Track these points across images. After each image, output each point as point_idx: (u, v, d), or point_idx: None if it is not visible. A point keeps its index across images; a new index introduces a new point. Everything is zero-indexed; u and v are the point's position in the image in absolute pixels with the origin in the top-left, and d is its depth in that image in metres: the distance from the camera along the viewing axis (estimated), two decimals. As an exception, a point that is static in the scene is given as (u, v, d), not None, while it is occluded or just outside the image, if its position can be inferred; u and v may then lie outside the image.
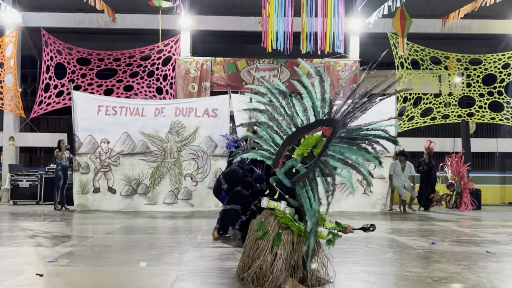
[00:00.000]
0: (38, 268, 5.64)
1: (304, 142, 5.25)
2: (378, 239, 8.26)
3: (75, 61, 17.17)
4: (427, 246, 7.47)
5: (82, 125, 13.48)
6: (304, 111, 5.11)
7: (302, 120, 5.14)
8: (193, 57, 17.21)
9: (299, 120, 5.15)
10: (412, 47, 17.47)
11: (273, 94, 5.27)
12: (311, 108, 5.09)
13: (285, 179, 5.06)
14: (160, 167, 13.35)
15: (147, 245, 7.45)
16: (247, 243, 5.05)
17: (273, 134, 5.23)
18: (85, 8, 16.63)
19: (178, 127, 13.51)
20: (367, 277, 5.51)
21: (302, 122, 5.14)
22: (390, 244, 7.75)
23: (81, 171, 13.36)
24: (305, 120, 5.13)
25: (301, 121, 5.14)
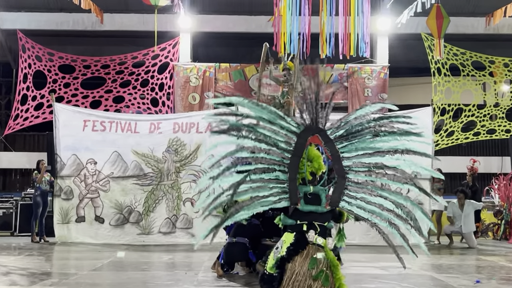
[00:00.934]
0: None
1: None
2: (413, 276, 8.22)
3: (57, 69, 17.34)
4: (471, 285, 7.42)
5: (65, 143, 13.51)
6: (275, 133, 5.38)
7: (284, 141, 5.39)
8: (194, 63, 17.34)
9: (282, 144, 5.39)
10: (451, 50, 17.50)
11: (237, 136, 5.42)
12: (277, 127, 5.38)
13: (316, 207, 5.35)
14: (156, 190, 13.32)
15: (140, 284, 7.47)
16: (288, 285, 5.16)
17: (271, 174, 5.37)
18: (68, 7, 16.84)
19: (177, 145, 13.51)
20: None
21: (286, 143, 5.40)
22: (426, 283, 7.71)
23: (63, 197, 13.36)
24: (286, 139, 5.40)
25: (284, 143, 5.39)
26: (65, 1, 15.61)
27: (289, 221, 5.41)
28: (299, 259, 5.22)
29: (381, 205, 5.34)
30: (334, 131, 5.50)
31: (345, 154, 5.46)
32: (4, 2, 17.88)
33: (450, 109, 17.59)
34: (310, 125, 5.47)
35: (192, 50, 17.86)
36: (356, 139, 5.45)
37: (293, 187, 5.34)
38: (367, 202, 5.36)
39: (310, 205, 5.36)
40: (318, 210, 5.35)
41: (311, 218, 5.35)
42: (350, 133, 5.46)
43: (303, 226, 5.33)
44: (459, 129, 17.58)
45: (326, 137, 5.46)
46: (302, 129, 5.45)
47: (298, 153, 5.42)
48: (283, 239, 5.40)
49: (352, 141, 5.46)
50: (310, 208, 5.36)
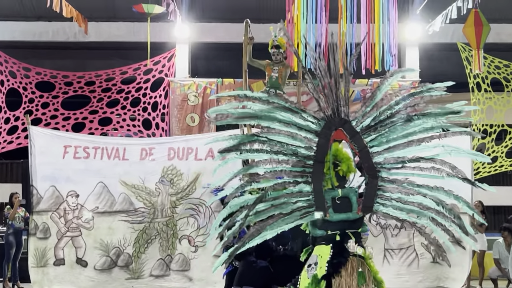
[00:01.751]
0: None
1: None
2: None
3: (33, 86, 17.36)
4: None
5: (43, 172, 13.44)
6: (293, 137, 5.48)
7: (304, 146, 5.48)
8: (192, 79, 17.36)
9: (302, 150, 5.48)
10: (492, 62, 17.47)
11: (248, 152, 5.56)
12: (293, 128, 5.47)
13: (347, 214, 5.45)
14: (148, 229, 13.20)
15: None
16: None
17: (293, 189, 5.46)
18: (47, 15, 17.00)
19: (173, 175, 13.48)
20: None
21: (306, 148, 5.48)
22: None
23: (39, 236, 13.22)
24: (305, 143, 5.49)
25: (304, 148, 5.48)
26: (43, 8, 15.55)
27: (318, 232, 5.50)
28: (344, 274, 5.26)
29: (421, 204, 5.45)
30: (359, 121, 5.55)
31: (375, 149, 5.53)
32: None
33: (493, 131, 17.51)
34: (332, 117, 5.53)
35: (191, 63, 17.92)
36: (386, 128, 5.50)
37: (320, 198, 5.41)
38: (404, 202, 5.46)
39: (341, 213, 5.44)
40: (350, 217, 5.46)
41: (343, 226, 5.44)
42: (379, 121, 5.51)
43: (336, 236, 5.43)
44: (504, 154, 17.47)
45: (351, 129, 5.52)
46: (323, 124, 5.50)
47: (321, 158, 5.48)
48: (317, 254, 5.46)
49: (381, 132, 5.51)
50: (340, 217, 5.44)
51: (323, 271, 5.31)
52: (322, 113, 5.55)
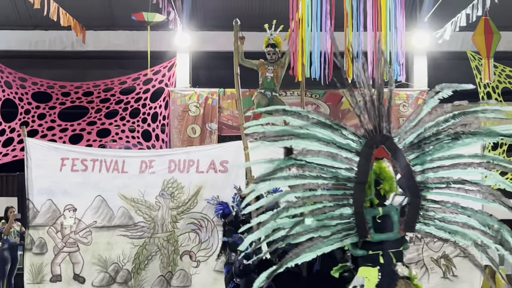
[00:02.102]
0: None
1: None
2: None
3: (30, 97, 17.45)
4: None
5: (39, 185, 13.47)
6: (333, 157, 5.47)
7: (344, 167, 5.48)
8: (193, 89, 17.44)
9: (343, 171, 5.47)
10: (503, 71, 17.53)
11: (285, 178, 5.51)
12: (333, 147, 5.44)
13: (388, 234, 5.48)
14: (148, 245, 13.19)
15: None
16: None
17: (334, 213, 5.49)
18: (44, 24, 17.15)
19: (173, 188, 13.48)
20: None
21: (347, 169, 5.47)
22: None
23: (35, 251, 13.26)
24: (346, 164, 5.48)
25: (345, 169, 5.48)
26: (40, 17, 15.67)
27: (359, 252, 5.53)
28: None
29: (465, 224, 5.43)
30: (402, 137, 5.53)
31: (418, 167, 5.49)
32: (-32, 19, 18.14)
33: (504, 143, 17.54)
34: (373, 134, 5.50)
35: (192, 73, 17.98)
36: (430, 145, 5.45)
37: (361, 222, 5.44)
38: (447, 221, 5.45)
39: (382, 234, 5.47)
40: (391, 238, 5.49)
41: (385, 246, 5.46)
42: (423, 138, 5.47)
43: (379, 257, 5.45)
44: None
45: (393, 146, 5.49)
46: (364, 142, 5.49)
47: (362, 179, 5.48)
48: (364, 276, 5.46)
49: (425, 150, 5.47)
50: (382, 237, 5.46)
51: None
52: (363, 129, 5.52)
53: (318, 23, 13.67)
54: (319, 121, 5.38)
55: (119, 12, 17.58)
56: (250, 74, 18.92)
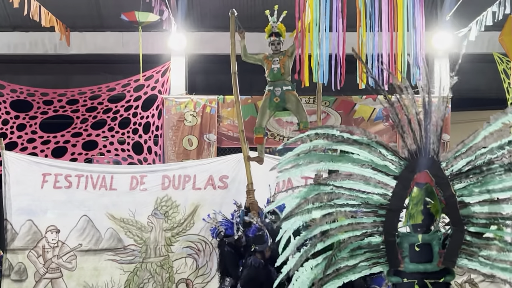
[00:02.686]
0: None
1: None
2: None
3: (8, 106, 17.33)
4: None
5: (18, 204, 13.53)
6: (366, 181, 5.50)
7: (378, 192, 5.51)
8: (190, 96, 17.35)
9: (375, 197, 5.50)
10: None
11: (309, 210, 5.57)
12: (368, 169, 5.48)
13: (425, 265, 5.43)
14: (140, 271, 13.29)
15: None
16: None
17: (363, 242, 5.53)
18: (24, 25, 17.06)
19: (167, 207, 13.51)
20: None
21: (381, 194, 5.51)
22: None
23: (14, 277, 13.33)
24: (380, 189, 5.51)
25: (378, 194, 5.50)
26: (19, 17, 15.59)
27: (392, 279, 5.55)
28: None
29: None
30: (450, 163, 5.47)
31: (465, 198, 5.45)
32: None
33: (537, 154, 17.32)
34: (416, 156, 5.48)
35: (188, 78, 17.90)
36: (481, 176, 5.38)
37: (392, 251, 5.46)
38: (494, 259, 5.40)
39: (418, 264, 5.47)
40: (428, 269, 5.45)
41: (421, 276, 5.45)
42: (474, 167, 5.40)
43: (414, 286, 5.45)
44: (547, 180, 17.27)
45: (439, 172, 5.44)
46: (405, 165, 5.47)
47: (397, 206, 5.50)
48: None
49: (474, 180, 5.40)
50: (417, 268, 5.46)
51: None
52: (406, 150, 5.53)
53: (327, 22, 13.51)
54: (355, 141, 5.42)
55: (108, 12, 17.54)
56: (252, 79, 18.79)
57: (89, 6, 17.78)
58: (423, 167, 5.45)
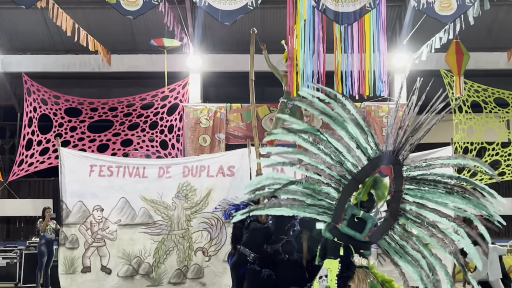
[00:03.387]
0: None
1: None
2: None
3: (63, 112, 17.45)
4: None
5: (71, 189, 13.40)
6: (348, 150, 5.61)
7: (352, 162, 5.60)
8: (204, 104, 17.41)
9: (349, 164, 5.59)
10: (472, 86, 17.49)
11: (304, 140, 5.68)
12: (353, 143, 5.59)
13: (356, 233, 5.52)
14: (166, 241, 13.13)
15: None
16: None
17: (324, 188, 5.60)
18: (75, 49, 17.05)
19: (187, 190, 13.41)
20: None
21: (353, 165, 5.60)
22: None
23: (68, 246, 13.18)
24: (354, 161, 5.60)
25: (351, 163, 5.59)
26: (71, 43, 15.67)
27: (327, 234, 5.58)
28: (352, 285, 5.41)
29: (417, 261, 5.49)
30: (409, 169, 5.62)
31: (408, 197, 5.57)
32: (9, 45, 18.16)
33: (473, 148, 17.49)
34: (390, 154, 5.62)
35: (202, 90, 17.97)
36: (427, 187, 5.52)
37: (339, 210, 5.54)
38: (405, 251, 5.52)
39: (351, 229, 5.53)
40: (356, 236, 5.52)
41: (350, 241, 5.53)
42: (425, 180, 5.54)
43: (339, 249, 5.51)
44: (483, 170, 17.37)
45: (399, 172, 5.58)
46: (378, 155, 5.61)
47: (360, 178, 5.61)
48: (327, 267, 5.54)
49: (421, 188, 5.54)
50: (349, 232, 5.53)
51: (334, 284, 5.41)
52: (385, 146, 5.64)
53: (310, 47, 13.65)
54: (356, 118, 5.56)
55: (140, 38, 17.61)
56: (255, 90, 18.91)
57: (125, 34, 17.86)
58: (390, 163, 5.57)
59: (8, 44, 18.18)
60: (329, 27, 13.77)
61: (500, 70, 18.03)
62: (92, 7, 17.12)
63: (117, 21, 16.56)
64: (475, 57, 16.07)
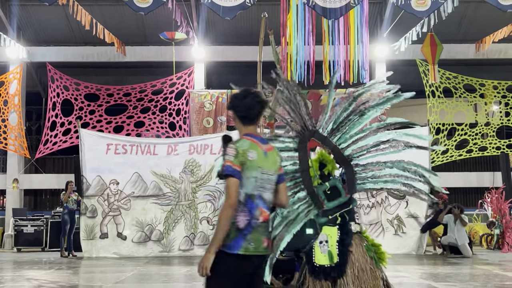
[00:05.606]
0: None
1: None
2: (412, 285, 8.15)
3: (82, 97, 17.44)
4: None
5: (90, 165, 13.54)
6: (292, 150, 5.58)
7: (289, 163, 5.58)
8: (207, 90, 17.36)
9: (290, 167, 5.56)
10: (444, 74, 17.47)
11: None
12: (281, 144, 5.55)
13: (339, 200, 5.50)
14: (174, 210, 13.29)
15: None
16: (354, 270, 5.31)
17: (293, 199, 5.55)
18: (93, 41, 16.97)
19: (193, 166, 13.50)
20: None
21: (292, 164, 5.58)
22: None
23: (88, 215, 13.38)
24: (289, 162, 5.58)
25: (291, 166, 5.58)
26: (90, 36, 15.72)
27: (322, 220, 5.53)
28: (353, 250, 5.36)
29: (391, 174, 5.51)
30: (324, 127, 5.56)
31: (342, 145, 5.54)
32: (34, 38, 18.09)
33: (444, 129, 17.52)
34: (302, 132, 5.54)
35: (206, 78, 17.91)
36: (346, 126, 5.51)
37: (314, 197, 5.50)
38: (378, 177, 5.52)
39: (334, 201, 5.50)
40: (341, 201, 5.49)
41: (339, 209, 5.48)
42: (339, 123, 5.52)
43: (337, 218, 5.46)
44: (453, 147, 17.48)
45: (320, 136, 5.54)
46: (297, 140, 5.53)
47: (305, 167, 5.53)
48: (327, 233, 5.48)
49: (344, 130, 5.52)
50: (334, 203, 5.49)
51: (335, 249, 5.36)
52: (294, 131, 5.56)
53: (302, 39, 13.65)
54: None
55: (150, 32, 17.52)
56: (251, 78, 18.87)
57: (137, 28, 17.78)
58: (309, 137, 5.52)
59: (34, 37, 18.10)
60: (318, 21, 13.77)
61: (469, 60, 18.01)
62: (108, 3, 17.03)
63: (130, 16, 16.47)
64: (447, 48, 16.07)
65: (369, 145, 5.54)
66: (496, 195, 14.74)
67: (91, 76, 18.41)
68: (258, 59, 11.05)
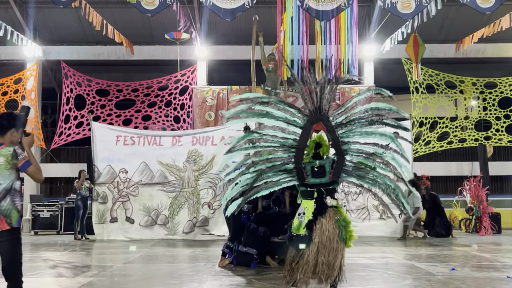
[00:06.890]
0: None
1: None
2: (397, 265, 8.18)
3: (94, 93, 17.42)
4: (447, 272, 7.37)
5: (101, 155, 13.54)
6: (283, 130, 5.60)
7: (291, 138, 5.61)
8: (209, 86, 17.35)
9: (290, 141, 5.61)
10: (427, 72, 17.47)
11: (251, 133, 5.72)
12: (283, 123, 5.56)
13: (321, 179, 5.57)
14: (179, 196, 13.30)
15: (166, 274, 7.46)
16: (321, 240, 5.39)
17: (281, 167, 5.64)
18: (103, 40, 16.90)
19: (195, 156, 13.50)
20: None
21: (293, 139, 5.60)
22: (409, 271, 7.65)
23: (99, 201, 13.37)
24: (292, 135, 5.61)
25: (291, 139, 5.61)
26: (100, 36, 15.67)
27: (301, 188, 5.67)
28: (324, 220, 5.45)
29: (373, 179, 5.62)
30: (335, 117, 5.59)
31: (344, 139, 5.59)
32: (49, 37, 18.05)
33: (427, 122, 17.54)
34: (314, 113, 5.55)
35: (208, 75, 17.90)
36: (353, 126, 5.56)
37: (300, 173, 5.58)
38: (362, 176, 5.61)
39: (316, 178, 5.58)
40: (323, 181, 5.58)
41: (319, 185, 5.60)
42: (350, 120, 5.56)
43: (314, 193, 5.56)
44: (435, 139, 17.52)
45: (328, 123, 5.55)
46: (306, 119, 5.55)
47: (302, 146, 5.58)
48: (305, 206, 5.63)
49: (349, 128, 5.58)
50: (315, 181, 5.59)
51: (310, 218, 5.52)
52: (307, 109, 5.58)
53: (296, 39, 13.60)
54: (277, 104, 5.52)
55: (157, 32, 17.45)
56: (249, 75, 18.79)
57: (144, 28, 17.70)
58: (318, 119, 5.54)
59: (49, 37, 18.04)
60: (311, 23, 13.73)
61: (450, 58, 18.01)
62: (117, 6, 16.94)
63: (138, 18, 16.39)
64: (429, 48, 16.08)
65: (364, 151, 5.62)
66: (474, 183, 14.79)
67: (102, 73, 18.39)
68: (251, 58, 11.13)
